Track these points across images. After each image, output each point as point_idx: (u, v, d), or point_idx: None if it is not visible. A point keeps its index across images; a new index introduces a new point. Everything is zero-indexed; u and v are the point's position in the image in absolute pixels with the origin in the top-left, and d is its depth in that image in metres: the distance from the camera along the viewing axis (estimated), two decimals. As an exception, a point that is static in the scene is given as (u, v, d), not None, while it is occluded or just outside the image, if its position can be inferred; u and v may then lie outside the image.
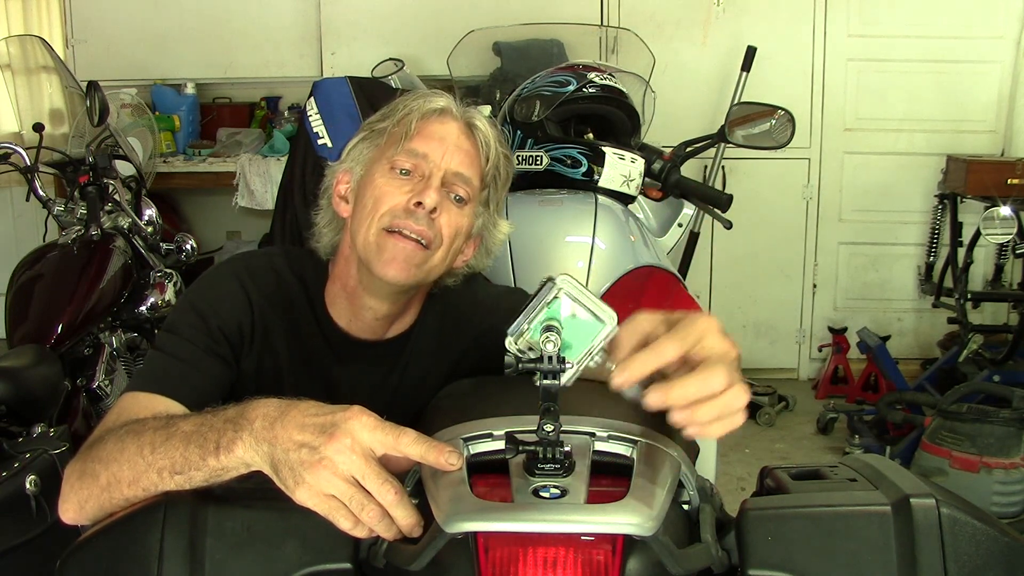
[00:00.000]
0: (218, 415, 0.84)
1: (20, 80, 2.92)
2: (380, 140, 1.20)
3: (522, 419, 0.80)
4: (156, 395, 1.06)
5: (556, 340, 0.75)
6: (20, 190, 2.85)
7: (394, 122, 1.19)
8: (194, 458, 0.81)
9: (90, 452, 0.92)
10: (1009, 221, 3.17)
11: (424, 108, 1.18)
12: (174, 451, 0.83)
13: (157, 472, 0.83)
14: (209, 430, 0.82)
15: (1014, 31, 4.18)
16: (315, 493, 0.75)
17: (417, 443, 0.77)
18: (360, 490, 0.75)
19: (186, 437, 0.83)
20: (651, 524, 0.70)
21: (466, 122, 1.20)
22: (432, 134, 1.17)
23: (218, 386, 1.14)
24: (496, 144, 1.22)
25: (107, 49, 4.28)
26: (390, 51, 3.30)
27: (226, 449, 0.80)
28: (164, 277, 2.68)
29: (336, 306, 1.24)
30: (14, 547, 1.59)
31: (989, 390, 3.01)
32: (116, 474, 0.86)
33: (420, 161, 1.16)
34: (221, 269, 1.22)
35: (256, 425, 0.80)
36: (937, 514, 0.73)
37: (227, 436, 0.81)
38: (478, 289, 1.32)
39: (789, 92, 3.92)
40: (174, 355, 1.12)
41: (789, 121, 2.15)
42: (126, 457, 0.86)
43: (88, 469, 0.90)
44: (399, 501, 0.76)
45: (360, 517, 0.75)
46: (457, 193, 1.18)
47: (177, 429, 0.85)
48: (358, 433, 0.76)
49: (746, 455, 3.50)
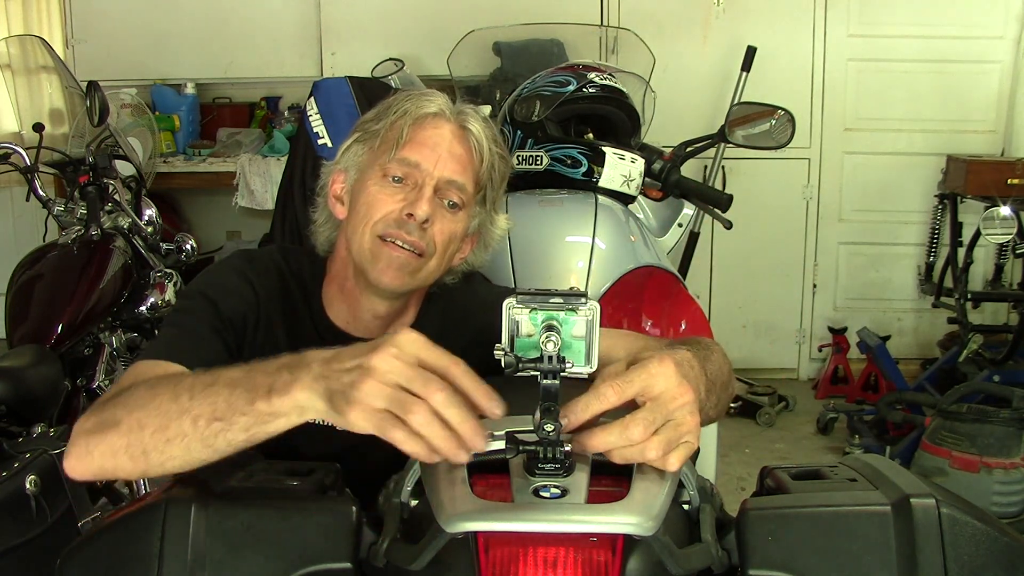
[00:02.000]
0: (269, 363, 0.82)
1: (20, 80, 2.92)
2: (374, 143, 1.20)
3: (522, 419, 0.81)
4: (170, 363, 1.06)
5: (556, 340, 0.75)
6: (20, 190, 2.85)
7: (387, 125, 1.19)
8: (239, 403, 0.80)
9: (110, 401, 0.90)
10: (1009, 221, 3.17)
11: (417, 112, 1.18)
12: (217, 396, 0.81)
13: (192, 420, 0.81)
14: (260, 375, 0.81)
15: (1014, 31, 4.19)
16: (365, 409, 0.73)
17: (467, 376, 0.75)
18: (407, 394, 0.73)
19: (232, 382, 0.82)
20: (651, 524, 0.70)
21: (459, 124, 1.19)
22: (425, 140, 1.16)
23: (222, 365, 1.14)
24: (490, 144, 1.21)
25: (107, 49, 4.28)
26: (390, 51, 3.30)
27: (281, 392, 0.78)
28: (164, 277, 2.68)
29: (334, 306, 1.25)
30: (14, 547, 1.58)
31: (989, 390, 3.01)
32: (141, 420, 0.84)
33: (412, 170, 1.16)
34: (226, 263, 1.23)
35: (314, 366, 0.78)
36: (937, 514, 0.73)
37: (282, 379, 0.79)
38: (479, 289, 1.33)
39: (789, 92, 3.92)
40: (187, 328, 1.12)
41: (789, 121, 2.15)
42: (157, 403, 0.84)
43: (107, 417, 0.87)
44: (449, 401, 0.73)
45: (410, 423, 0.72)
46: (451, 199, 1.18)
47: (221, 375, 0.84)
48: (404, 343, 0.75)
49: (746, 455, 3.50)
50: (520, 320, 0.78)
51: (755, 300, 4.39)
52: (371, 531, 0.78)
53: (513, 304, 0.77)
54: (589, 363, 0.79)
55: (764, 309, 4.40)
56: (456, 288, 1.30)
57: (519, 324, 0.78)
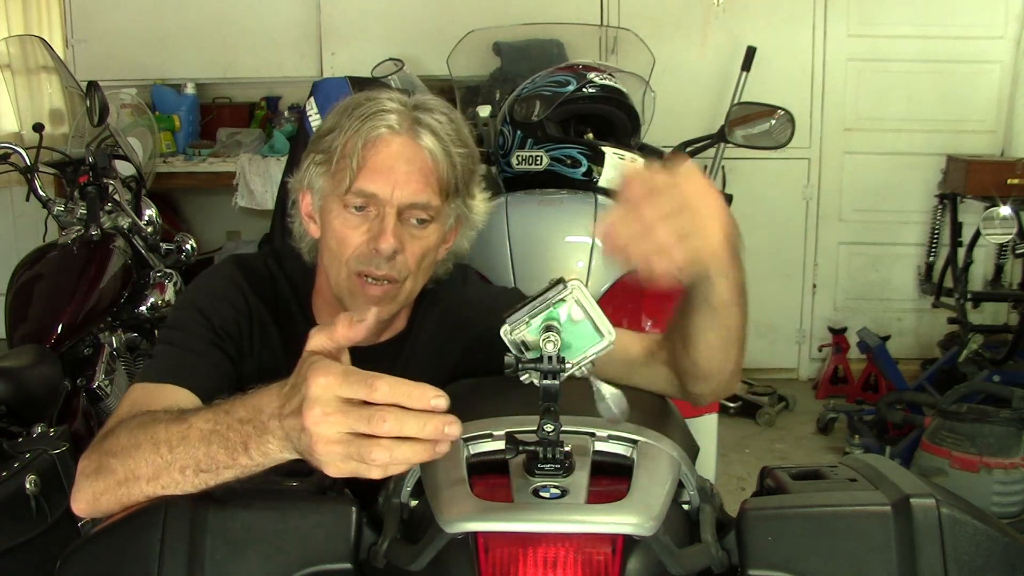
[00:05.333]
0: (231, 414, 0.81)
1: (20, 80, 2.92)
2: (330, 166, 1.15)
3: (522, 419, 0.81)
4: (167, 385, 1.06)
5: (556, 340, 0.75)
6: (20, 190, 2.85)
7: (339, 148, 1.13)
8: (221, 457, 0.80)
9: (103, 445, 0.91)
10: (1009, 221, 3.17)
11: (367, 136, 1.11)
12: (196, 451, 0.81)
13: (180, 470, 0.81)
14: (229, 431, 0.80)
15: (1014, 31, 4.18)
16: (334, 466, 0.72)
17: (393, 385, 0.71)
18: (359, 438, 0.71)
19: (205, 437, 0.81)
20: (651, 524, 0.70)
21: (411, 137, 1.12)
22: (378, 166, 1.11)
23: (225, 377, 1.13)
24: (449, 147, 1.14)
25: (107, 49, 4.28)
26: (390, 51, 3.30)
27: (256, 447, 0.78)
28: (164, 277, 2.68)
29: (322, 315, 1.24)
30: (14, 547, 1.59)
31: (989, 390, 3.01)
32: (133, 470, 0.84)
33: (370, 200, 1.12)
34: (217, 271, 1.22)
35: (271, 424, 0.77)
36: (937, 514, 0.73)
37: (252, 435, 0.78)
38: (476, 290, 1.32)
39: (789, 92, 3.91)
40: (182, 346, 1.12)
41: (789, 121, 2.15)
42: (142, 453, 0.84)
43: (104, 463, 0.88)
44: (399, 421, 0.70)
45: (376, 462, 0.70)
46: (418, 217, 1.14)
47: (192, 425, 0.83)
48: (319, 397, 0.71)
49: (746, 455, 3.50)
50: (524, 338, 0.77)
51: (755, 300, 4.31)
52: (371, 531, 0.78)
53: (509, 331, 0.77)
54: (603, 334, 0.78)
55: (764, 309, 4.40)
56: (454, 292, 1.28)
57: (525, 342, 0.77)
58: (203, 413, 0.84)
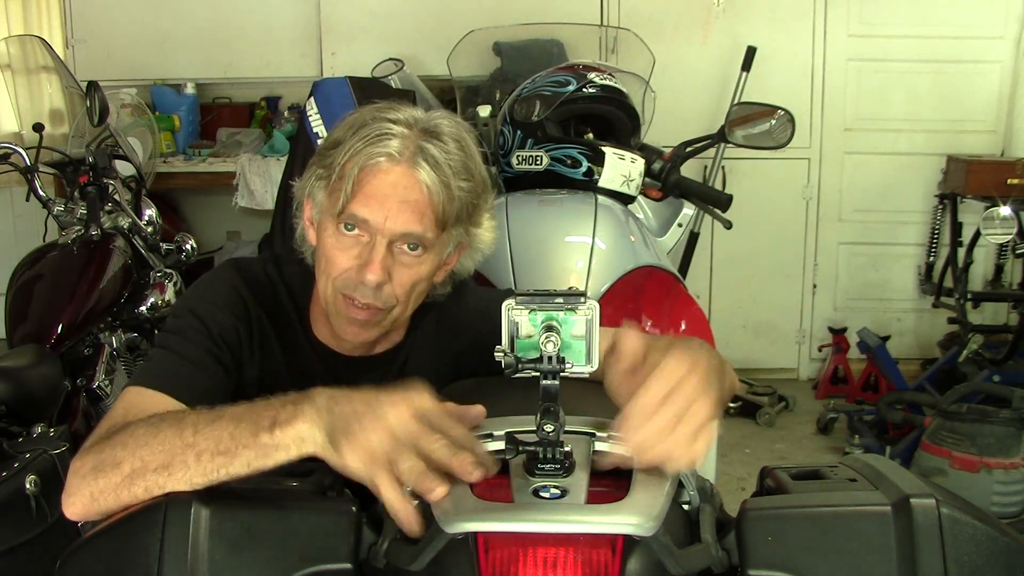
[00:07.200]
0: (274, 398, 0.85)
1: (20, 80, 2.92)
2: (328, 181, 1.13)
3: (522, 419, 0.81)
4: (162, 393, 1.05)
5: (556, 340, 0.75)
6: (20, 190, 2.84)
7: (339, 166, 1.11)
8: (244, 436, 0.81)
9: (108, 442, 0.90)
10: (1009, 221, 3.17)
11: (366, 161, 1.09)
12: (222, 431, 0.82)
13: (196, 454, 0.82)
14: (264, 408, 0.83)
15: (1014, 31, 4.18)
16: (365, 452, 0.77)
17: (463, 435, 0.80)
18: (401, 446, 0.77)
19: (236, 417, 0.83)
20: (651, 524, 0.70)
21: (411, 166, 1.09)
22: (373, 192, 1.08)
23: (221, 390, 1.12)
24: (450, 179, 1.10)
25: (107, 49, 4.28)
26: (390, 51, 3.30)
27: (284, 424, 0.81)
28: (164, 277, 2.68)
29: (318, 325, 1.23)
30: (14, 547, 1.59)
31: (989, 390, 3.01)
32: (144, 459, 0.84)
33: (362, 225, 1.11)
34: (216, 276, 1.21)
35: (319, 400, 0.82)
36: (937, 514, 0.73)
37: (286, 412, 0.81)
38: (469, 299, 1.30)
39: (789, 92, 3.92)
40: (180, 354, 1.11)
41: (789, 121, 2.15)
42: (160, 439, 0.84)
43: (106, 459, 0.87)
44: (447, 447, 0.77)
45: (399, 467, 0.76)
46: (410, 243, 1.11)
47: (226, 410, 0.85)
48: (418, 403, 0.79)
49: (746, 455, 3.50)
50: (520, 321, 0.78)
51: (755, 300, 4.38)
52: (371, 531, 0.78)
53: (512, 305, 0.77)
54: (589, 362, 0.79)
55: (764, 309, 4.40)
56: (448, 299, 1.27)
57: (519, 325, 0.78)
58: (242, 403, 0.87)
